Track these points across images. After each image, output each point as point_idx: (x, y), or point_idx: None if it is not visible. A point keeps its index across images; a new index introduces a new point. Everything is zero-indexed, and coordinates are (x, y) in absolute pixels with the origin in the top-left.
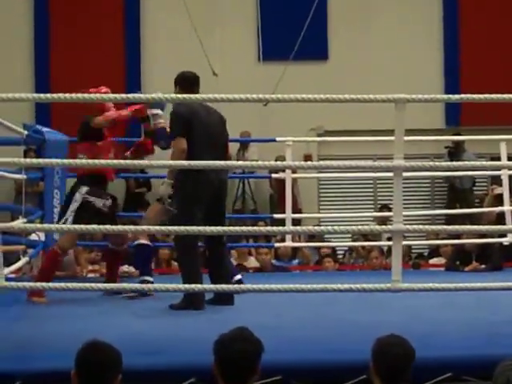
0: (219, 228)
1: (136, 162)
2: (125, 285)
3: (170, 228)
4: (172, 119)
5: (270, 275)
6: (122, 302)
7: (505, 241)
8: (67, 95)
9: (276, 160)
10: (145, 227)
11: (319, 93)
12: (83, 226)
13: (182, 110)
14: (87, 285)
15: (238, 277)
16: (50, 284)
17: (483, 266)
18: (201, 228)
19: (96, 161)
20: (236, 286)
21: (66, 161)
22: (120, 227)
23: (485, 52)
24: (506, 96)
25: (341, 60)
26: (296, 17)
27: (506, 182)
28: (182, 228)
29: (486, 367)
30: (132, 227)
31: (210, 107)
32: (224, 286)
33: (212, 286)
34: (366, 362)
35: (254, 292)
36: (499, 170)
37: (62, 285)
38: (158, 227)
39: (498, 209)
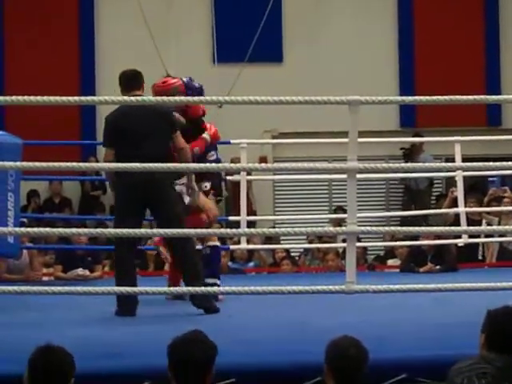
0: (173, 230)
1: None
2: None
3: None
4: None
5: (226, 277)
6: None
7: (459, 242)
8: (21, 98)
9: (231, 162)
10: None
11: (274, 95)
12: (42, 229)
13: (108, 118)
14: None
15: (213, 281)
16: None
17: (438, 267)
18: (155, 230)
19: (50, 164)
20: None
21: (19, 164)
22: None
23: (440, 53)
24: (459, 98)
25: (295, 62)
26: (251, 19)
27: (460, 183)
28: (134, 230)
29: (440, 368)
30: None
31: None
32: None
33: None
34: (320, 364)
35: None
36: (454, 171)
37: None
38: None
39: (453, 210)
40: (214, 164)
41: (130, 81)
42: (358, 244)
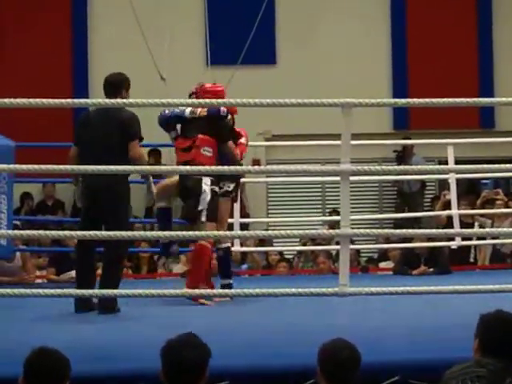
0: (173, 233)
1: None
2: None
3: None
4: None
5: (219, 280)
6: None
7: (453, 244)
8: (15, 101)
9: None
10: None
11: (267, 97)
12: (35, 232)
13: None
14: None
15: (228, 282)
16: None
17: (431, 270)
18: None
19: (43, 166)
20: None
21: (12, 166)
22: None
23: (433, 56)
24: (452, 100)
25: (289, 64)
26: (244, 21)
27: (453, 185)
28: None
29: (433, 371)
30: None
31: (109, 110)
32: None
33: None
34: (314, 367)
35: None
36: (447, 174)
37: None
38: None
39: (446, 212)
40: (207, 167)
41: (111, 87)
42: (352, 246)
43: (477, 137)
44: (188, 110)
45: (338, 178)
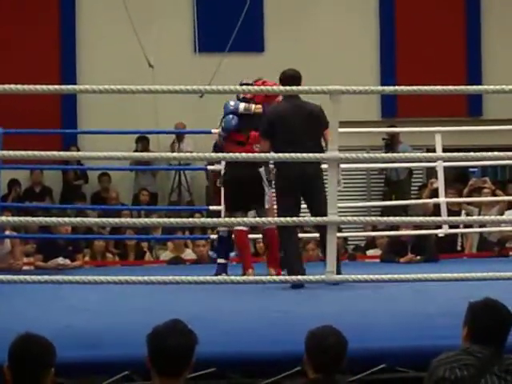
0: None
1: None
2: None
3: None
4: None
5: (207, 267)
6: (59, 294)
7: (440, 232)
8: (2, 87)
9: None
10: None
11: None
12: (23, 218)
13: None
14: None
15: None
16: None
17: (418, 258)
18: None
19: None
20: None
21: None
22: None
23: (421, 44)
24: (440, 88)
25: (277, 52)
26: (232, 8)
27: (441, 173)
28: None
29: (420, 358)
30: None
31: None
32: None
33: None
34: (300, 354)
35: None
36: (435, 162)
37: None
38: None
39: (433, 200)
40: (195, 153)
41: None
42: (339, 234)
43: (464, 125)
44: (242, 107)
45: (325, 166)
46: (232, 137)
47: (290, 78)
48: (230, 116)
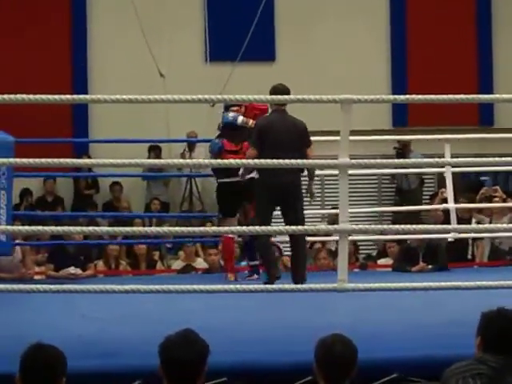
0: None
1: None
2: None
3: None
4: None
5: (218, 276)
6: (71, 304)
7: (449, 237)
8: (14, 97)
9: None
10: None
11: (266, 94)
12: (35, 228)
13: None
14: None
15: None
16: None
17: (430, 267)
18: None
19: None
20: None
21: (12, 160)
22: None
23: (432, 53)
24: (451, 97)
25: (288, 61)
26: (243, 18)
27: (449, 179)
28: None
29: (431, 368)
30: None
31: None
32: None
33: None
34: (311, 363)
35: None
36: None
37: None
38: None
39: (443, 206)
40: (207, 160)
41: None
42: (349, 238)
43: (476, 134)
44: (240, 120)
45: (336, 172)
46: (227, 147)
47: (280, 92)
48: (216, 140)
